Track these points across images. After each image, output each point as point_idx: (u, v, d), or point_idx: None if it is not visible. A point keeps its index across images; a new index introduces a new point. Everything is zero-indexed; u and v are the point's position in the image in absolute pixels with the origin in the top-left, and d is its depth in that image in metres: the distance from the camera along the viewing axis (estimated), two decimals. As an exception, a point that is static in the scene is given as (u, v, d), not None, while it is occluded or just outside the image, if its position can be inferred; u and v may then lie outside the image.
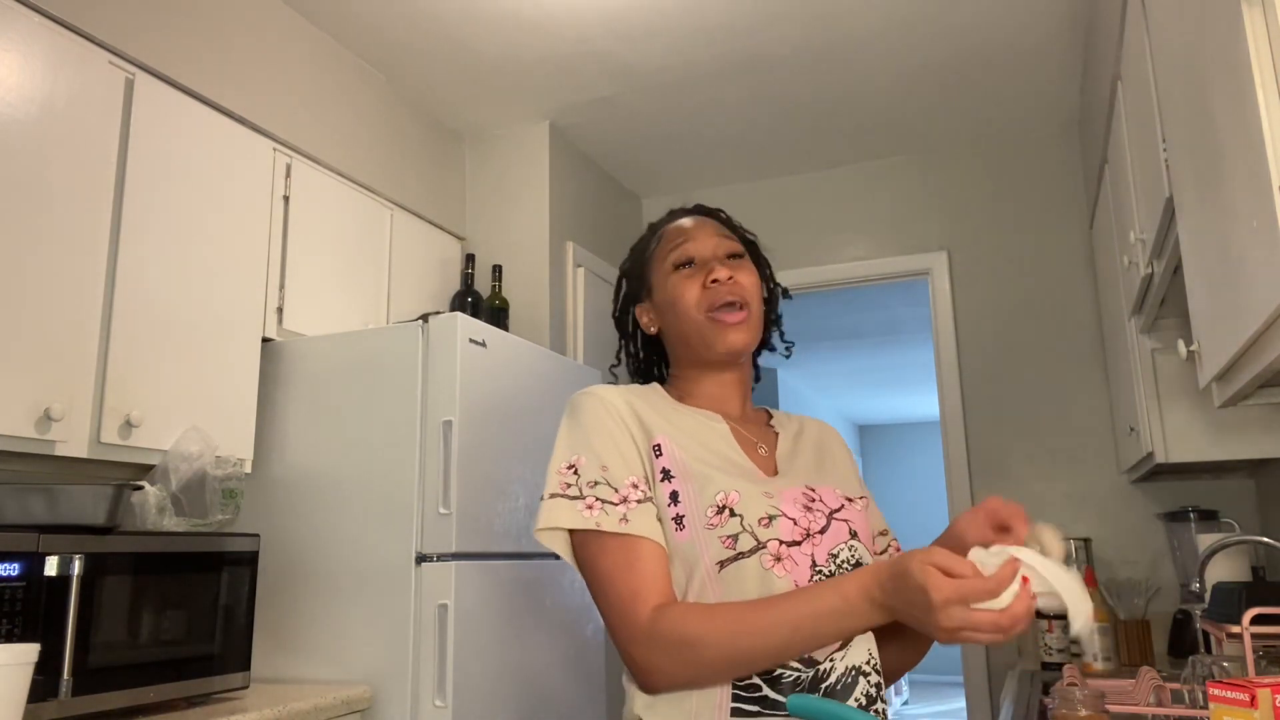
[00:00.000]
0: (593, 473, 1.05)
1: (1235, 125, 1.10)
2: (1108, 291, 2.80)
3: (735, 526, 1.03)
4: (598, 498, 1.04)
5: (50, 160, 1.80)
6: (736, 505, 1.04)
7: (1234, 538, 1.71)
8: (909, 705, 8.19)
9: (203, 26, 2.20)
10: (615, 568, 1.01)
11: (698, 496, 1.05)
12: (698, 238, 1.20)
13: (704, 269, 1.17)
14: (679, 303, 1.17)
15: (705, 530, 1.03)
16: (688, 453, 1.09)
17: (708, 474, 1.07)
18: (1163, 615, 2.75)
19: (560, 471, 1.07)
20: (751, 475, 1.10)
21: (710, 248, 1.19)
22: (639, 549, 1.02)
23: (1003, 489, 3.14)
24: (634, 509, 1.03)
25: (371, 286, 2.68)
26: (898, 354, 6.64)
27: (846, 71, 2.87)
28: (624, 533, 1.02)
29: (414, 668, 2.02)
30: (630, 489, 1.05)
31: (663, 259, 1.22)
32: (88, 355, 1.84)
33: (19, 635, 1.50)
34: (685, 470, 1.07)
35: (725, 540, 1.02)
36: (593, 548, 1.03)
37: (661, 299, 1.21)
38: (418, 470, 2.11)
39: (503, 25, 2.59)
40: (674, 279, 1.18)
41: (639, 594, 1.00)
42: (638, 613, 0.99)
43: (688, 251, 1.19)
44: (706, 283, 1.16)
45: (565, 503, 1.04)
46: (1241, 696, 0.84)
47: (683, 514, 1.04)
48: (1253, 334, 1.13)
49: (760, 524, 1.03)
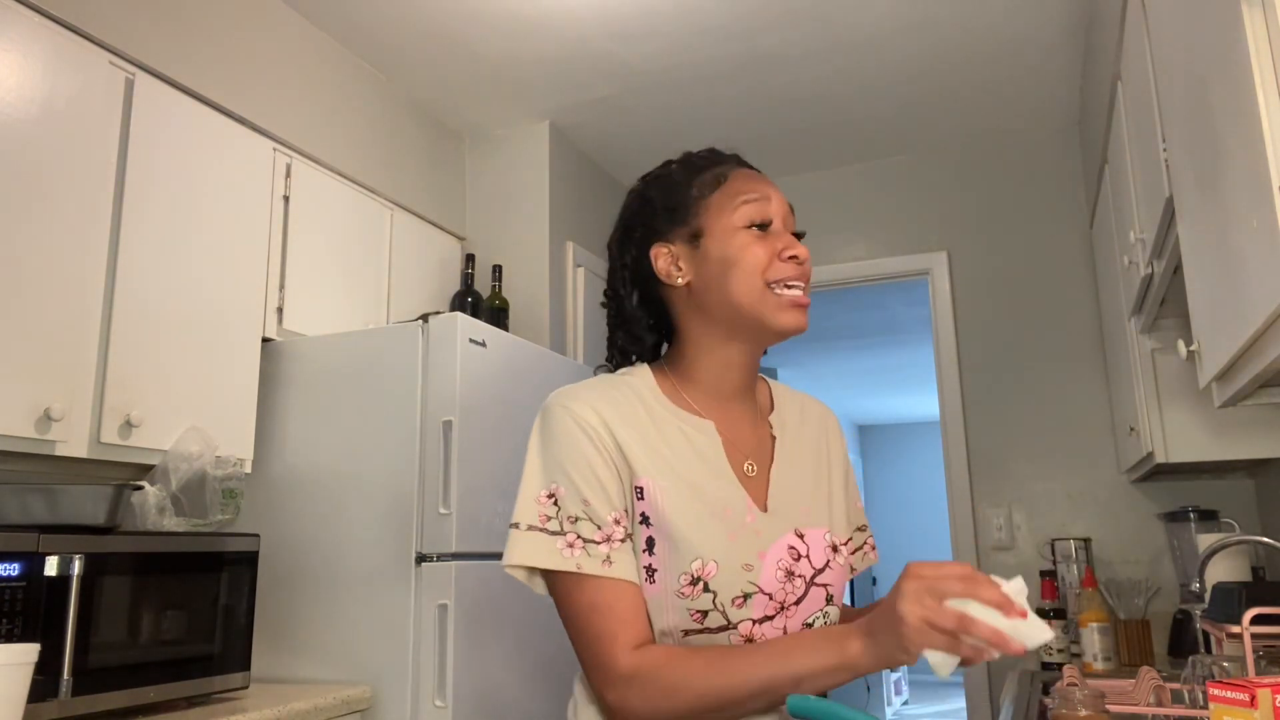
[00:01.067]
0: (574, 507, 0.97)
1: (1235, 125, 1.10)
2: (1108, 291, 2.80)
3: (707, 603, 0.97)
4: (580, 535, 0.97)
5: (50, 160, 1.80)
6: (712, 580, 0.97)
7: (1234, 538, 1.71)
8: (909, 705, 8.19)
9: (203, 26, 2.20)
10: (594, 609, 0.96)
11: (674, 558, 0.97)
12: (776, 200, 1.06)
13: (779, 238, 1.04)
14: (743, 263, 1.03)
15: (675, 597, 0.97)
16: (669, 500, 0.99)
17: (688, 536, 0.98)
18: (1163, 615, 2.75)
19: (539, 501, 0.99)
20: (738, 529, 1.01)
21: (784, 217, 1.07)
22: (619, 591, 0.96)
23: (1003, 489, 3.14)
24: (616, 549, 0.97)
25: (371, 286, 2.68)
26: (898, 354, 6.64)
27: (846, 71, 2.87)
28: (605, 575, 0.96)
29: (414, 668, 2.02)
30: (613, 526, 0.98)
31: (728, 208, 1.05)
32: (88, 355, 1.84)
33: (19, 635, 1.50)
34: (665, 525, 0.98)
35: (694, 614, 0.97)
36: (569, 586, 0.97)
37: (717, 252, 1.04)
38: (418, 470, 2.11)
39: (503, 25, 2.59)
40: (744, 236, 1.03)
41: (617, 637, 0.95)
42: (615, 656, 0.94)
43: (767, 211, 1.05)
44: (783, 255, 1.03)
45: (544, 539, 0.97)
46: (1241, 696, 0.84)
47: (655, 567, 0.98)
48: (1253, 334, 1.13)
49: (734, 604, 0.97)
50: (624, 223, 1.13)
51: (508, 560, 0.99)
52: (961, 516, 3.16)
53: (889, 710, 7.58)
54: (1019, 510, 3.12)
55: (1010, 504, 3.13)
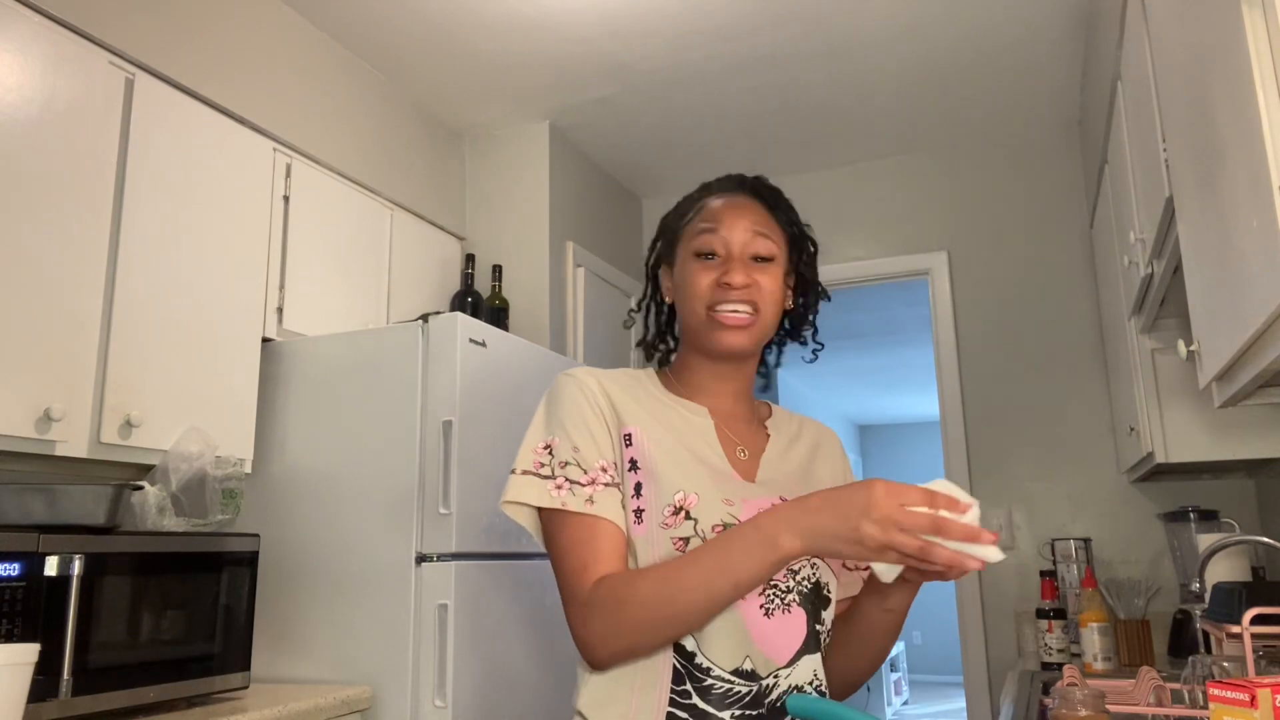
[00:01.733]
0: (565, 453, 1.06)
1: (1235, 125, 1.10)
2: (1108, 291, 2.80)
3: (688, 530, 1.02)
4: (567, 478, 1.04)
5: (50, 160, 1.80)
6: (693, 508, 1.03)
7: (1234, 538, 1.71)
8: (909, 705, 8.19)
9: (203, 26, 2.20)
10: (572, 543, 1.02)
11: (658, 493, 1.04)
12: (728, 227, 1.12)
13: (724, 265, 1.11)
14: (686, 289, 1.13)
15: (660, 529, 1.03)
16: (658, 446, 1.08)
17: (670, 473, 1.06)
18: (1163, 615, 2.75)
19: (536, 450, 1.07)
20: (723, 478, 1.09)
21: (739, 243, 1.12)
22: (597, 527, 1.02)
23: (1003, 489, 3.14)
24: (600, 491, 1.04)
25: (371, 286, 2.68)
26: (898, 354, 6.64)
27: (846, 72, 2.87)
28: (586, 513, 1.02)
29: (414, 668, 2.02)
30: (599, 472, 1.05)
31: (689, 236, 1.15)
32: (88, 355, 1.84)
33: (19, 635, 1.50)
34: (651, 465, 1.06)
35: (677, 542, 1.02)
36: (556, 524, 1.04)
37: (678, 278, 1.16)
38: (418, 470, 2.11)
39: (503, 25, 2.59)
40: (693, 264, 1.13)
41: (588, 566, 1.00)
42: (583, 583, 1.00)
43: (709, 243, 1.12)
44: (719, 280, 1.10)
45: (536, 480, 1.05)
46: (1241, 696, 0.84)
47: (643, 508, 1.05)
48: (1253, 334, 1.13)
49: (714, 530, 1.02)
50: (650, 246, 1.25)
51: (503, 498, 1.08)
52: (961, 516, 3.16)
53: (889, 710, 7.58)
54: (1019, 510, 3.12)
55: (1010, 504, 3.13)
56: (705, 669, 0.99)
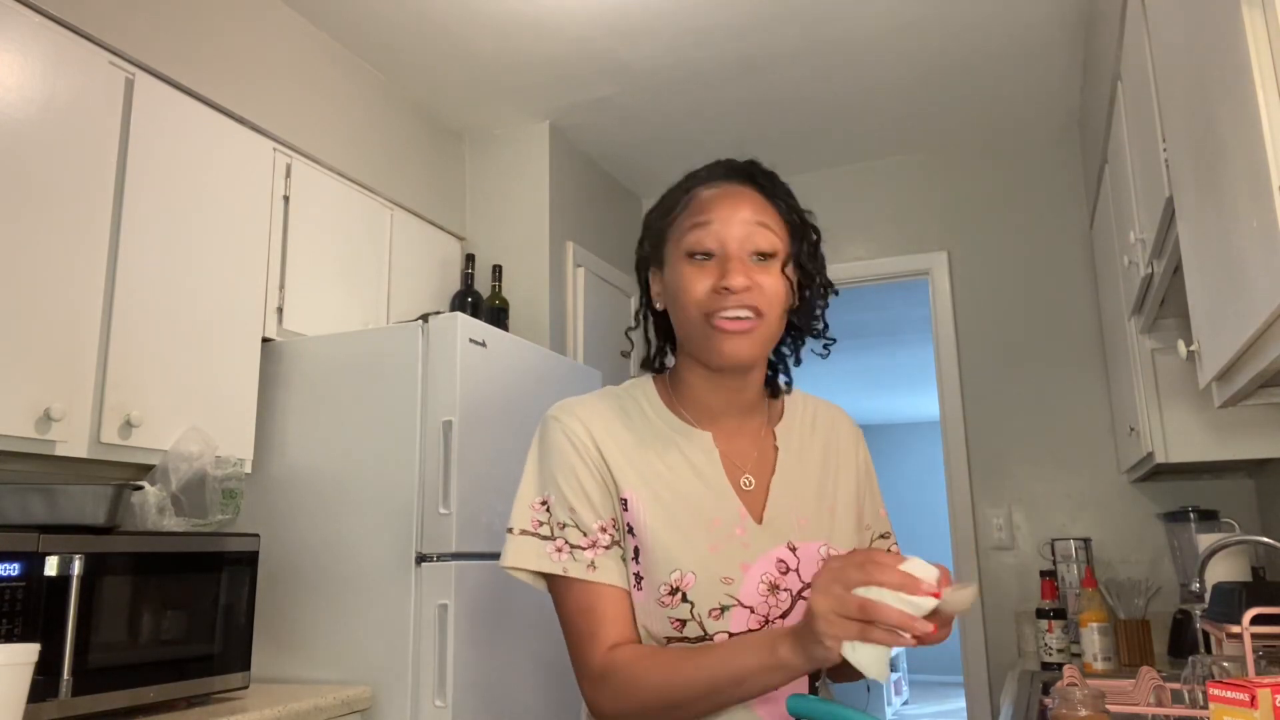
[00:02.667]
0: (562, 514, 1.01)
1: (1235, 125, 1.10)
2: (1108, 291, 2.80)
3: (685, 613, 0.98)
4: (567, 541, 1.00)
5: (50, 160, 1.80)
6: (689, 591, 0.98)
7: (1234, 538, 1.71)
8: (909, 705, 8.19)
9: (202, 26, 2.20)
10: (578, 611, 1.00)
11: (654, 569, 0.99)
12: (723, 220, 1.00)
13: (721, 265, 0.99)
14: (681, 295, 1.00)
15: (656, 605, 1.00)
16: (654, 514, 1.01)
17: (667, 547, 0.99)
18: (1163, 615, 2.75)
19: (533, 507, 1.03)
20: (724, 539, 1.00)
21: (736, 239, 0.99)
22: (601, 594, 1.00)
23: (1003, 489, 3.14)
24: (600, 555, 1.00)
25: (371, 286, 2.68)
26: (898, 354, 6.64)
27: (846, 71, 2.87)
28: (589, 580, 1.00)
29: (414, 668, 2.02)
30: (599, 533, 1.01)
31: (678, 234, 1.02)
32: (88, 355, 1.84)
33: (19, 635, 1.50)
34: (646, 535, 1.00)
35: (674, 623, 0.99)
36: (560, 589, 1.02)
37: (670, 282, 1.03)
38: (418, 470, 2.11)
39: (502, 25, 2.59)
40: (685, 266, 1.00)
41: (595, 635, 0.99)
42: (592, 653, 0.98)
43: (702, 240, 1.00)
44: (718, 285, 0.98)
45: (535, 543, 1.01)
46: (1241, 696, 0.84)
47: (641, 575, 1.01)
48: (1253, 334, 1.13)
49: (710, 615, 0.98)
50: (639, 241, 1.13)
51: (502, 562, 1.04)
52: (961, 516, 3.17)
53: (889, 710, 7.58)
54: (1019, 510, 3.12)
55: (1010, 504, 3.13)
56: None
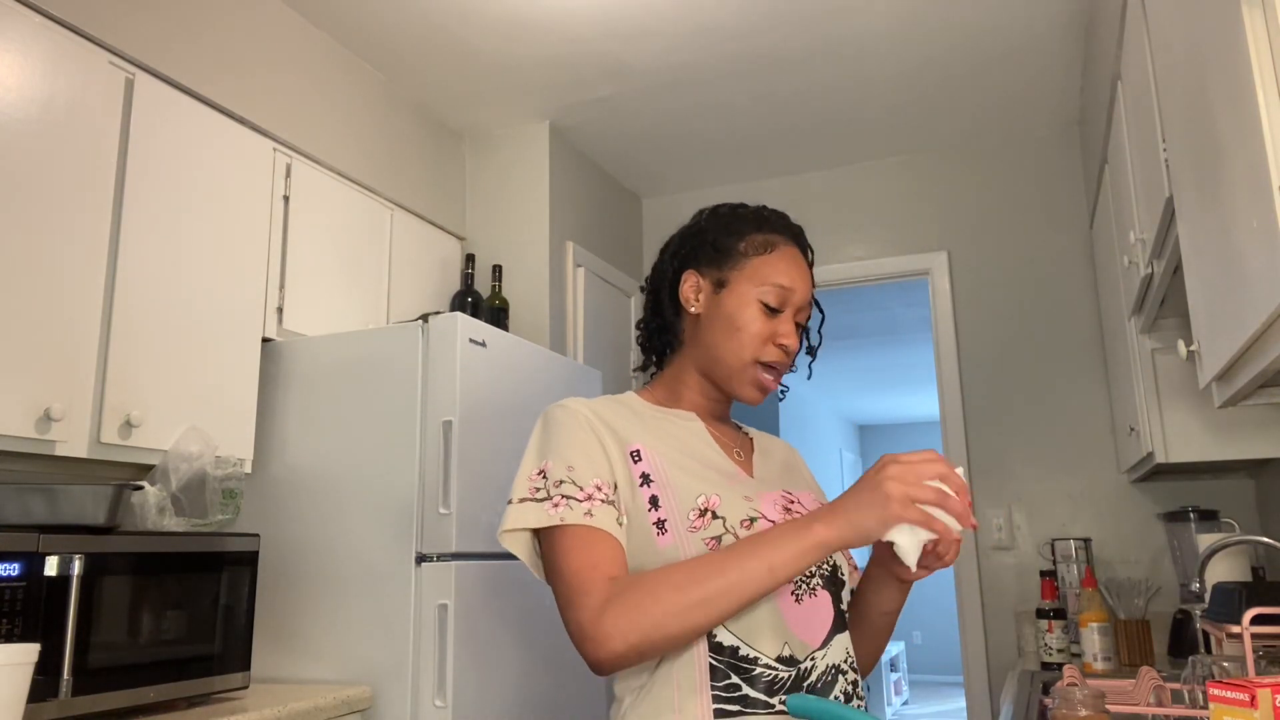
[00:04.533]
0: (559, 473, 1.05)
1: (1235, 125, 1.10)
2: (1108, 291, 2.80)
3: (718, 528, 1.04)
4: (563, 495, 1.04)
5: (50, 160, 1.80)
6: (718, 508, 1.05)
7: (1234, 538, 1.71)
8: (909, 705, 8.19)
9: (203, 26, 2.21)
10: (573, 549, 1.01)
11: (678, 501, 1.06)
12: (800, 292, 1.16)
13: (782, 321, 1.15)
14: (741, 333, 1.14)
15: (688, 533, 1.04)
16: (666, 458, 1.09)
17: (687, 479, 1.08)
18: (1163, 615, 2.75)
19: (530, 477, 1.07)
20: (731, 475, 1.12)
21: (798, 309, 1.16)
22: (598, 537, 1.02)
23: (1003, 489, 3.14)
24: (597, 506, 1.03)
25: (371, 286, 2.68)
26: (898, 354, 6.64)
27: (846, 71, 2.87)
28: (585, 524, 1.02)
29: (414, 668, 2.02)
30: (594, 489, 1.04)
31: (758, 279, 1.15)
32: (88, 355, 1.84)
33: (19, 635, 1.50)
34: (664, 476, 1.07)
35: (709, 542, 1.03)
36: (555, 540, 1.03)
37: (729, 309, 1.15)
38: (418, 470, 2.11)
39: (502, 25, 2.59)
40: (755, 310, 1.14)
41: (597, 565, 1.00)
42: (594, 579, 0.98)
43: (788, 299, 1.15)
44: (775, 339, 1.14)
45: (532, 505, 1.04)
46: (1241, 696, 0.84)
47: (664, 518, 1.05)
48: (1253, 334, 1.13)
49: (742, 525, 1.05)
50: (680, 235, 1.24)
51: (501, 528, 1.07)
52: (961, 516, 3.16)
53: (889, 710, 7.58)
54: (1019, 510, 3.12)
55: (1010, 504, 3.13)
56: (753, 659, 1.01)
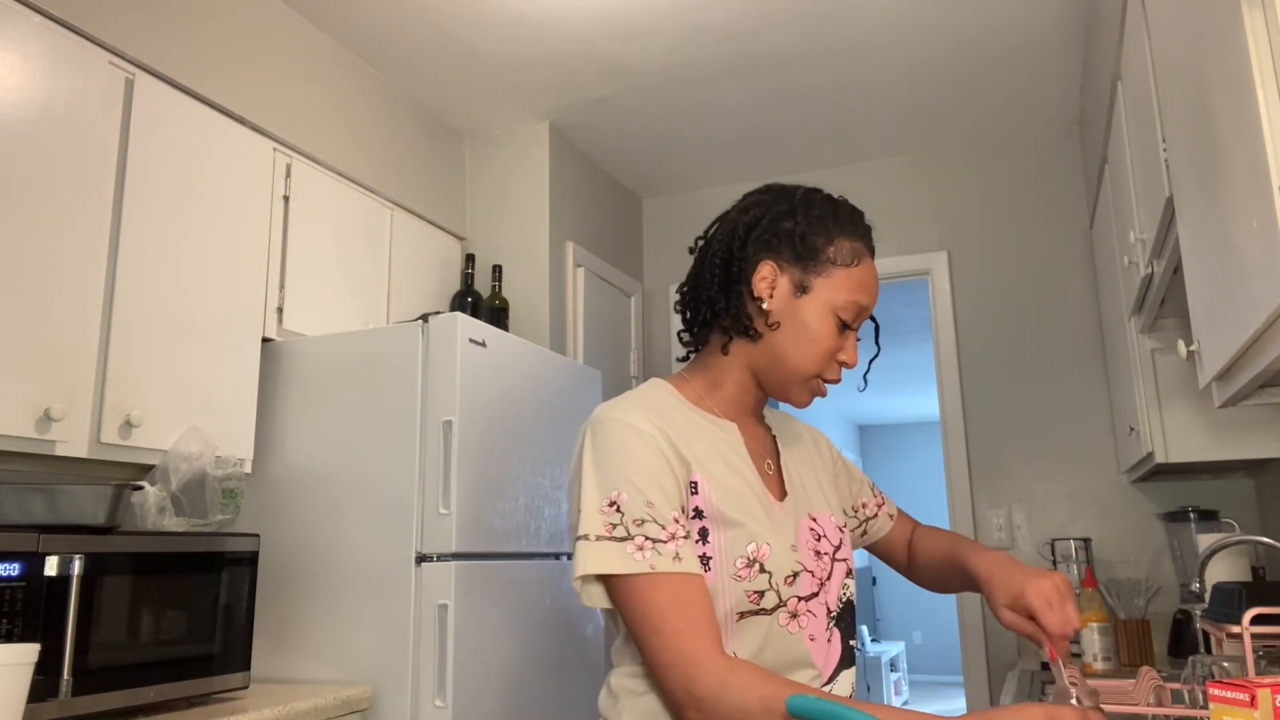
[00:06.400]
0: (638, 510, 0.99)
1: (1235, 125, 1.10)
2: (1108, 291, 2.80)
3: (763, 583, 1.03)
4: (647, 537, 0.98)
5: (50, 160, 1.80)
6: (766, 561, 1.03)
7: (1234, 538, 1.71)
8: (909, 705, 8.19)
9: (203, 26, 2.20)
10: (671, 606, 0.96)
11: (729, 544, 1.03)
12: (872, 306, 1.14)
13: (847, 339, 1.13)
14: (814, 346, 1.10)
15: (731, 580, 1.02)
16: (719, 491, 1.05)
17: (741, 522, 1.04)
18: (1163, 615, 2.75)
19: (603, 510, 0.99)
20: (769, 506, 1.09)
21: (865, 318, 1.15)
22: (693, 586, 0.98)
23: (1003, 489, 3.14)
24: (682, 545, 0.99)
25: (371, 286, 2.68)
26: (898, 354, 6.64)
27: (846, 71, 2.87)
28: (678, 571, 0.97)
29: (414, 668, 2.02)
30: (675, 525, 0.99)
31: (842, 290, 1.11)
32: (88, 355, 1.84)
33: (19, 635, 1.50)
34: (718, 515, 1.04)
35: (751, 595, 1.02)
36: (644, 587, 0.97)
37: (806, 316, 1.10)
38: (418, 470, 2.11)
39: (502, 25, 2.59)
40: (831, 323, 1.10)
41: (702, 632, 0.95)
42: (706, 650, 0.94)
43: (861, 317, 1.13)
44: (838, 356, 1.11)
45: (613, 545, 0.97)
46: (1241, 696, 0.84)
47: (710, 555, 1.02)
48: (1253, 334, 1.13)
49: (786, 582, 1.04)
50: (760, 216, 1.13)
51: (582, 570, 0.99)
52: (961, 516, 3.16)
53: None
54: (1019, 510, 3.12)
55: (1010, 504, 3.13)
56: None
